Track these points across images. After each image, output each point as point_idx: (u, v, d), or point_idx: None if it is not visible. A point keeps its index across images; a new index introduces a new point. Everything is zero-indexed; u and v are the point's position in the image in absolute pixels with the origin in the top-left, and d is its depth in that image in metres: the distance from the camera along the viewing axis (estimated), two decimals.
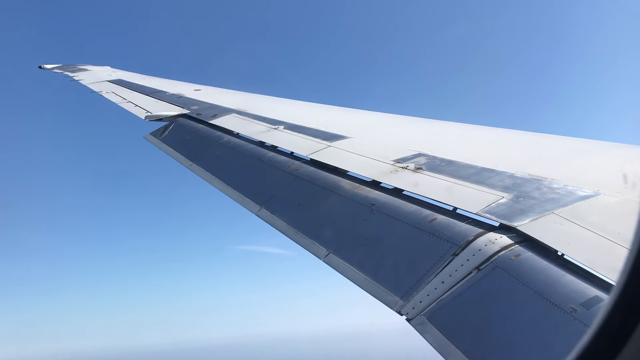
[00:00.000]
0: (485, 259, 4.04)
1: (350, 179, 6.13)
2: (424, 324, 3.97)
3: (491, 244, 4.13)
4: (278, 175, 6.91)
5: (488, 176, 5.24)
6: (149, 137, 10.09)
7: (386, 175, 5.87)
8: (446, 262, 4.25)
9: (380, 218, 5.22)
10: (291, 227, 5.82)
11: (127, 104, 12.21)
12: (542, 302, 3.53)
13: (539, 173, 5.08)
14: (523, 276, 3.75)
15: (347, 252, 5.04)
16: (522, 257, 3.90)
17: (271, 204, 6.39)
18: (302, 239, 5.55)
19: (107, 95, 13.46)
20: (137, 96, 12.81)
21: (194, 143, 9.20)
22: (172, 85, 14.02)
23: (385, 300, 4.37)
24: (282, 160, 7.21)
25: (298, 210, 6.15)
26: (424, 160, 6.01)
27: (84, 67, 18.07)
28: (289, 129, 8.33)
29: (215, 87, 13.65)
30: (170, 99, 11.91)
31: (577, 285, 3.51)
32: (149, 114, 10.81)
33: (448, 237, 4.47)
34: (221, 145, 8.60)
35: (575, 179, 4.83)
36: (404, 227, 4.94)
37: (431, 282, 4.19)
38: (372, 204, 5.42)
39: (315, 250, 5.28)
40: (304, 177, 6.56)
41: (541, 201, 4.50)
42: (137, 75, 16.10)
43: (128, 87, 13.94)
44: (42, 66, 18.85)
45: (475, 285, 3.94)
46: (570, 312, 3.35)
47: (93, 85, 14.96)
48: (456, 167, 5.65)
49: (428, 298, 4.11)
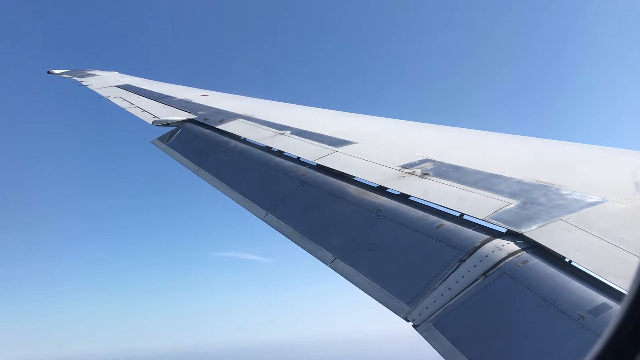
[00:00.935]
0: (492, 265, 4.02)
1: (356, 185, 6.12)
2: (430, 330, 3.95)
3: (498, 250, 4.11)
4: (285, 180, 6.92)
5: (495, 182, 5.22)
6: (156, 142, 10.13)
7: (393, 180, 5.87)
8: (453, 269, 4.23)
9: (387, 224, 5.21)
10: (297, 232, 5.82)
11: (135, 108, 12.28)
12: (549, 309, 3.51)
13: (546, 179, 5.05)
14: (530, 283, 3.73)
15: (354, 257, 5.03)
16: (530, 264, 3.88)
17: (277, 209, 6.40)
18: (308, 244, 5.54)
19: (114, 100, 13.54)
20: (144, 101, 12.88)
21: (201, 148, 9.24)
22: (180, 90, 14.08)
23: (392, 307, 4.35)
24: (289, 166, 7.22)
25: (304, 215, 6.15)
26: (430, 165, 5.99)
27: (92, 72, 18.20)
28: (295, 134, 8.34)
29: (222, 93, 13.70)
30: (177, 104, 11.96)
31: (585, 293, 3.48)
32: (156, 119, 10.87)
33: (455, 243, 4.46)
34: (228, 151, 8.62)
35: (583, 185, 4.80)
36: (410, 233, 4.93)
37: (438, 289, 4.17)
38: (379, 210, 5.41)
39: (321, 256, 5.27)
40: (310, 183, 6.56)
41: (549, 207, 4.48)
42: (145, 81, 16.19)
43: (136, 92, 14.02)
44: (50, 71, 19.00)
45: (482, 292, 3.92)
46: (578, 320, 3.33)
47: (101, 90, 15.05)
48: (463, 172, 5.63)
49: (435, 304, 4.09)
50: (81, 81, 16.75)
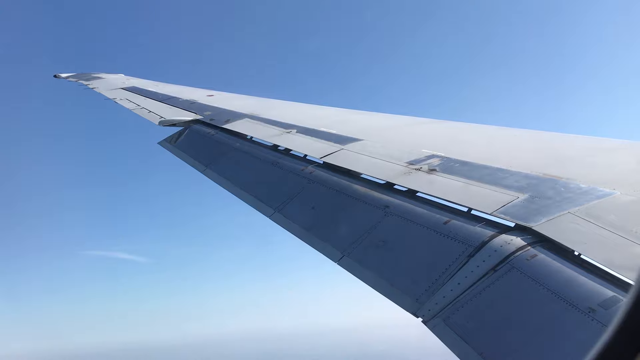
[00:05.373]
0: (501, 260, 4.02)
1: (363, 182, 6.13)
2: (440, 326, 3.95)
3: (507, 244, 4.10)
4: (291, 178, 6.94)
5: (502, 176, 5.21)
6: (163, 143, 10.18)
7: (400, 177, 5.87)
8: (462, 264, 4.23)
9: (395, 220, 5.21)
10: (305, 230, 5.84)
11: (141, 110, 12.34)
12: (559, 302, 3.50)
13: (554, 172, 5.04)
14: (539, 277, 3.72)
15: (362, 254, 5.04)
16: (539, 258, 3.87)
17: (285, 207, 6.42)
18: (316, 242, 5.56)
19: (121, 102, 13.62)
20: (151, 103, 12.94)
21: (208, 148, 9.27)
22: (186, 91, 14.14)
23: (401, 303, 4.36)
24: (295, 164, 7.24)
25: (312, 213, 6.17)
26: (437, 161, 5.99)
27: (98, 76, 18.30)
28: (301, 133, 8.36)
29: (228, 93, 13.73)
30: (183, 105, 12.01)
31: (594, 286, 3.47)
32: (162, 120, 10.92)
33: (463, 238, 4.45)
34: (234, 150, 8.65)
35: (591, 178, 4.78)
36: (418, 229, 4.93)
37: (447, 284, 4.18)
38: (386, 206, 5.41)
39: (329, 253, 5.29)
40: (317, 180, 6.57)
41: (557, 201, 4.46)
42: (151, 82, 16.26)
43: (142, 94, 14.08)
44: (57, 75, 19.13)
45: (491, 287, 3.92)
46: (588, 313, 3.32)
47: (107, 92, 15.14)
48: (470, 167, 5.62)
49: (444, 300, 4.09)
50: (87, 84, 16.85)
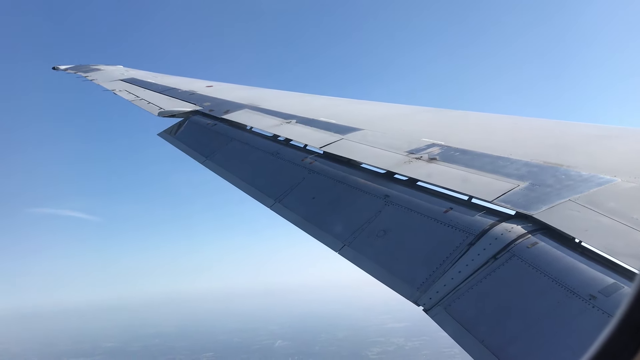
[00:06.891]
0: (501, 248, 4.02)
1: (363, 171, 6.13)
2: (441, 314, 3.97)
3: (507, 232, 4.11)
4: (292, 168, 6.93)
5: (503, 165, 5.20)
6: (163, 134, 10.16)
7: (400, 166, 5.86)
8: (462, 252, 4.24)
9: (395, 209, 5.21)
10: (305, 220, 5.85)
11: (140, 101, 12.31)
12: (560, 290, 3.51)
13: (554, 160, 5.03)
14: (540, 264, 3.73)
15: (362, 244, 5.04)
16: (539, 246, 3.87)
17: (285, 197, 6.41)
18: (317, 231, 5.57)
19: (120, 93, 13.57)
20: (150, 94, 12.89)
21: (207, 139, 9.25)
22: (185, 82, 14.09)
23: (402, 291, 4.37)
24: (296, 154, 7.23)
25: (312, 203, 6.17)
26: (437, 150, 5.97)
27: (97, 67, 18.22)
28: (301, 123, 8.34)
29: (227, 83, 13.69)
30: (182, 96, 11.97)
31: (595, 273, 3.48)
32: (162, 111, 10.89)
33: (464, 226, 4.46)
34: (234, 141, 8.64)
35: (592, 165, 4.77)
36: (419, 217, 4.93)
37: (448, 272, 4.18)
38: (387, 196, 5.41)
39: (330, 243, 5.29)
40: (317, 170, 6.57)
41: (557, 188, 4.46)
42: (150, 74, 16.20)
43: (141, 86, 14.03)
44: (55, 67, 19.06)
45: (492, 275, 3.93)
46: (590, 300, 3.33)
47: (106, 84, 15.08)
48: (470, 156, 5.62)
49: (445, 288, 4.10)
50: (86, 76, 16.78)
